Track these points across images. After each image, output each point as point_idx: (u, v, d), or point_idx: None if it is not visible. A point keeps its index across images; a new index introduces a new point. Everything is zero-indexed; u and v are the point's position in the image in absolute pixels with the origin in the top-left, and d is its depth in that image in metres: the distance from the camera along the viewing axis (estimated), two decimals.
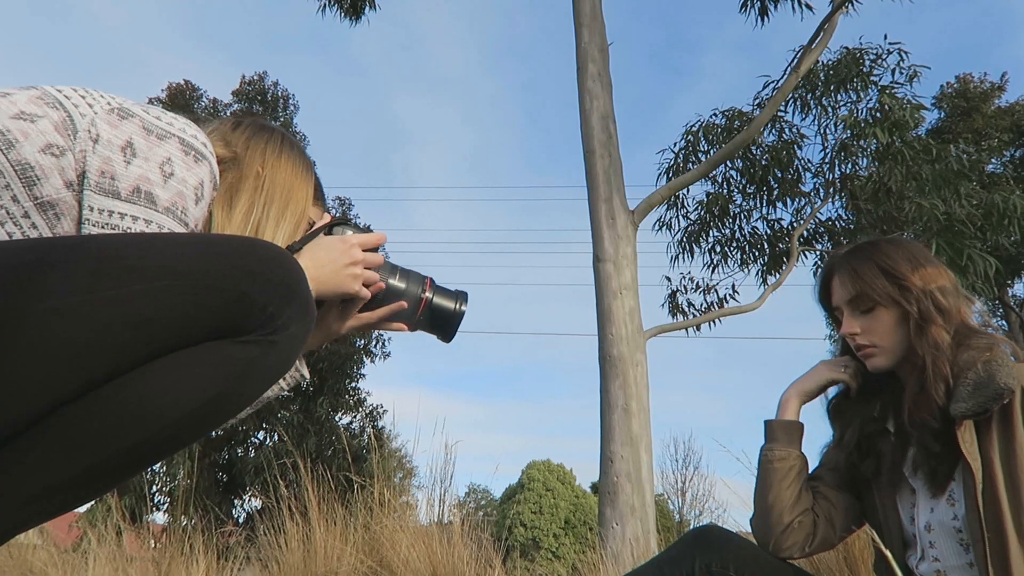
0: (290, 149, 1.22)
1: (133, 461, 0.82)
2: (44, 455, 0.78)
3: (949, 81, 16.83)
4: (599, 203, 6.83)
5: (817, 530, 1.47)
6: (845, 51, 9.83)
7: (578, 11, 7.23)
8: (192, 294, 0.81)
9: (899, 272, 1.40)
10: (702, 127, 10.47)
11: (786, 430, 1.52)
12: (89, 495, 0.84)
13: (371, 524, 3.37)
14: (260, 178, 1.16)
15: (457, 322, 1.18)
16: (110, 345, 0.77)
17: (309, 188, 1.22)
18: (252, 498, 14.03)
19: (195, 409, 0.81)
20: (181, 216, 0.99)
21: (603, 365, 6.58)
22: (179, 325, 0.81)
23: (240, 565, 3.57)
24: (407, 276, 1.19)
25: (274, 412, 14.36)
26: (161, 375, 0.80)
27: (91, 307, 0.76)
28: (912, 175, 9.16)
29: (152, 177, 0.96)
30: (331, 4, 9.57)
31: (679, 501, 27.14)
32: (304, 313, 0.89)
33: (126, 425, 0.79)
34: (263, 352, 0.85)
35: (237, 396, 0.85)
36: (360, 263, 1.14)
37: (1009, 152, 15.00)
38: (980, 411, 1.27)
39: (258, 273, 0.85)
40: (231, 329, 0.83)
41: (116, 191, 0.95)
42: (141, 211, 0.95)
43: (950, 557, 1.32)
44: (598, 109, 7.00)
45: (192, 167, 1.00)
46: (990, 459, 1.26)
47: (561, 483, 28.38)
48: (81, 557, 3.59)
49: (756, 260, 10.93)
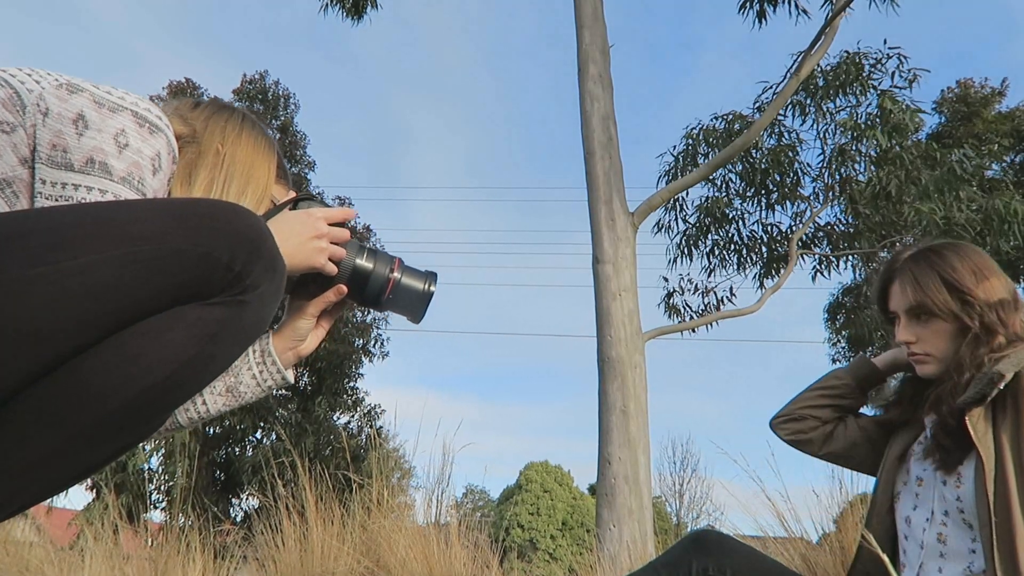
0: (251, 127, 1.20)
1: (110, 434, 0.80)
2: (17, 432, 0.77)
3: (950, 86, 16.84)
4: (599, 205, 6.83)
5: (817, 435, 1.65)
6: (845, 55, 9.84)
7: (579, 13, 7.24)
8: (154, 259, 0.78)
9: (963, 286, 1.39)
10: (702, 130, 10.49)
11: (860, 364, 1.67)
12: (70, 474, 0.82)
13: (368, 524, 3.37)
14: (220, 155, 1.14)
15: (426, 302, 1.16)
16: (74, 317, 0.75)
17: (271, 166, 1.20)
18: (249, 497, 14.02)
19: (168, 375, 0.79)
20: (138, 186, 0.97)
21: (601, 367, 6.58)
22: (143, 291, 0.78)
23: (237, 564, 3.57)
24: (375, 256, 1.15)
25: (272, 411, 14.36)
26: (131, 343, 0.78)
27: (50, 279, 0.74)
28: (912, 180, 9.17)
29: (106, 148, 0.95)
30: (333, 3, 9.56)
31: (677, 503, 27.17)
32: (272, 269, 0.86)
33: (100, 396, 0.77)
34: (234, 313, 0.83)
35: (211, 359, 0.83)
36: (326, 236, 1.10)
37: (1009, 157, 15.01)
38: (978, 397, 1.30)
39: (220, 231, 0.82)
40: (197, 292, 0.81)
41: (69, 163, 0.93)
42: (96, 181, 0.94)
43: (955, 539, 1.34)
44: (599, 111, 7.01)
45: (147, 138, 0.99)
46: (1002, 445, 1.28)
47: (559, 484, 28.40)
48: (78, 555, 3.58)
49: (754, 263, 10.94)
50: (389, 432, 15.79)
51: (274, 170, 1.21)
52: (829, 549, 2.89)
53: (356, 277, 1.14)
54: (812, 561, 2.86)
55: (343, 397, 15.41)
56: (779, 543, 3.09)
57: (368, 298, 1.15)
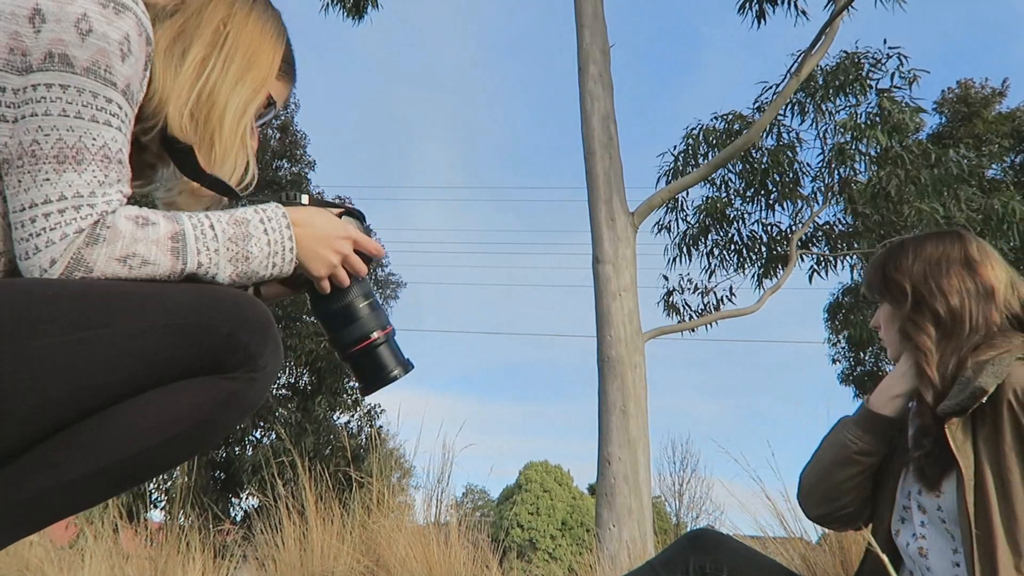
0: (263, 9, 1.10)
1: (115, 480, 0.89)
2: (30, 465, 0.86)
3: (950, 86, 16.82)
4: (599, 204, 6.83)
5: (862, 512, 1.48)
6: (844, 55, 9.84)
7: (580, 13, 7.24)
8: (188, 332, 0.89)
9: (897, 274, 1.39)
10: (702, 130, 10.49)
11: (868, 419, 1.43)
12: (76, 506, 0.91)
13: (368, 524, 3.37)
14: (222, 33, 1.04)
15: (384, 383, 1.09)
16: (120, 375, 0.87)
17: (276, 56, 1.10)
18: (249, 497, 14.01)
19: (181, 432, 0.89)
20: (105, 75, 0.89)
21: (601, 367, 6.58)
22: (176, 359, 0.89)
23: (237, 563, 3.57)
24: (373, 309, 1.08)
25: (272, 410, 14.36)
26: (156, 400, 0.89)
27: (104, 341, 0.85)
28: (911, 179, 9.18)
29: (66, 38, 0.87)
30: (334, 3, 9.56)
31: (676, 503, 27.16)
32: (278, 354, 0.96)
33: (113, 445, 0.87)
34: (245, 387, 0.92)
35: (218, 425, 0.92)
36: (344, 257, 1.05)
37: (1009, 158, 15.01)
38: (959, 409, 1.27)
39: (242, 316, 0.92)
40: (218, 366, 0.91)
41: (29, 65, 0.87)
42: (56, 76, 0.87)
43: (936, 546, 1.33)
44: (599, 110, 7.01)
45: (113, 20, 0.90)
46: (981, 456, 1.26)
47: (558, 484, 28.39)
48: (78, 554, 3.58)
49: (753, 263, 10.94)
50: (389, 432, 15.80)
51: (278, 62, 1.11)
52: (829, 549, 2.89)
53: (344, 313, 1.08)
54: (812, 561, 2.86)
55: (343, 396, 15.40)
56: (779, 543, 3.10)
57: (339, 341, 1.09)
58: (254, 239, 0.98)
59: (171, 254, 0.92)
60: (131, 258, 0.90)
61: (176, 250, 0.92)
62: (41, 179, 0.87)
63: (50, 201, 0.87)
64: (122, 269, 0.89)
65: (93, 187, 0.89)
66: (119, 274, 0.89)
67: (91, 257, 0.88)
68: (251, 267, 0.98)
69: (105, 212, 0.90)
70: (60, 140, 0.87)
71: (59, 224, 0.87)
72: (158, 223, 0.92)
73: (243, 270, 0.97)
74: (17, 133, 0.88)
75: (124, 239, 0.89)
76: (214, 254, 0.94)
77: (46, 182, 0.87)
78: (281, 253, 1.00)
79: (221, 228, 0.96)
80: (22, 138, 0.87)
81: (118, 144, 0.92)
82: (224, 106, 1.04)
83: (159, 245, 0.91)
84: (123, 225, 0.90)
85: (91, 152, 0.89)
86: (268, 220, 1.00)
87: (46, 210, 0.87)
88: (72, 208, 0.87)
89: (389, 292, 16.18)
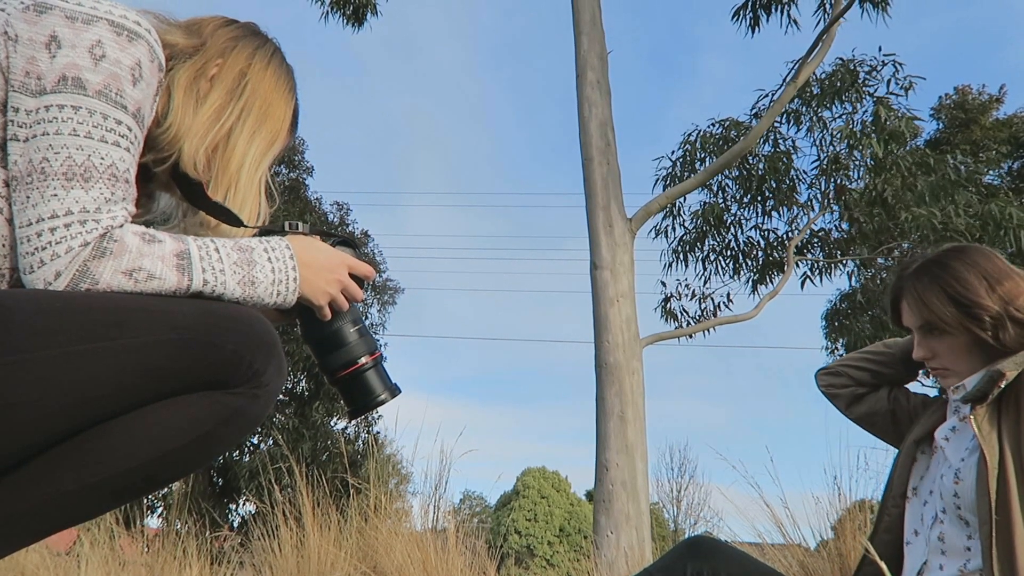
0: (279, 64, 1.15)
1: (117, 492, 0.91)
2: (32, 475, 0.87)
3: (947, 92, 16.87)
4: (597, 210, 6.84)
5: (846, 393, 1.67)
6: (839, 62, 9.87)
7: (578, 19, 7.26)
8: (195, 348, 0.90)
9: (969, 298, 1.34)
10: (699, 136, 10.51)
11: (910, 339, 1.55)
12: (77, 517, 0.91)
13: (365, 530, 3.36)
14: (242, 81, 1.09)
15: (371, 407, 1.11)
16: (125, 389, 0.87)
17: (289, 110, 1.16)
18: (246, 502, 13.98)
19: (182, 446, 0.91)
20: (116, 99, 0.92)
21: (599, 372, 6.58)
22: (182, 372, 0.90)
23: (234, 569, 3.56)
24: (362, 334, 1.11)
25: (269, 416, 14.33)
26: (159, 414, 0.90)
27: (110, 354, 0.86)
28: (908, 186, 9.20)
29: (80, 62, 0.90)
30: (334, 11, 9.59)
31: (674, 510, 27.12)
32: (281, 372, 0.98)
33: (115, 457, 0.88)
34: (248, 403, 0.94)
35: (220, 440, 0.94)
36: (342, 286, 1.09)
37: (1007, 164, 15.05)
38: (978, 395, 1.30)
39: (248, 333, 0.93)
40: (222, 382, 0.92)
41: (43, 88, 0.90)
42: (68, 98, 0.90)
43: (952, 536, 1.34)
44: (597, 116, 7.03)
45: (126, 47, 0.93)
46: (1004, 445, 1.28)
47: (556, 490, 28.33)
48: (74, 560, 3.57)
49: (749, 269, 10.95)
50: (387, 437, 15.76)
51: (290, 117, 1.16)
52: (827, 556, 2.89)
53: (333, 339, 1.10)
54: (810, 568, 2.86)
55: (341, 402, 15.37)
56: (777, 549, 3.10)
57: (328, 365, 1.11)
58: (259, 266, 1.00)
59: (177, 270, 0.93)
60: (137, 272, 0.90)
61: (182, 267, 0.93)
62: (49, 195, 0.88)
63: (57, 216, 0.88)
64: (128, 282, 0.90)
65: (100, 203, 0.90)
66: (125, 288, 0.90)
67: (97, 270, 0.88)
68: (256, 292, 0.99)
69: (111, 227, 0.91)
70: (69, 158, 0.89)
71: (65, 238, 0.88)
72: (164, 241, 0.94)
73: (248, 294, 0.99)
74: (28, 151, 0.89)
75: (131, 253, 0.90)
76: (219, 274, 0.96)
77: (53, 198, 0.88)
78: (285, 282, 1.02)
79: (226, 252, 0.98)
80: (32, 156, 0.89)
81: (125, 164, 0.94)
82: (242, 157, 1.09)
83: (165, 261, 0.92)
84: (130, 239, 0.91)
85: (99, 170, 0.91)
86: (272, 250, 1.02)
87: (52, 224, 0.88)
88: (78, 223, 0.88)
89: (387, 298, 16.14)
